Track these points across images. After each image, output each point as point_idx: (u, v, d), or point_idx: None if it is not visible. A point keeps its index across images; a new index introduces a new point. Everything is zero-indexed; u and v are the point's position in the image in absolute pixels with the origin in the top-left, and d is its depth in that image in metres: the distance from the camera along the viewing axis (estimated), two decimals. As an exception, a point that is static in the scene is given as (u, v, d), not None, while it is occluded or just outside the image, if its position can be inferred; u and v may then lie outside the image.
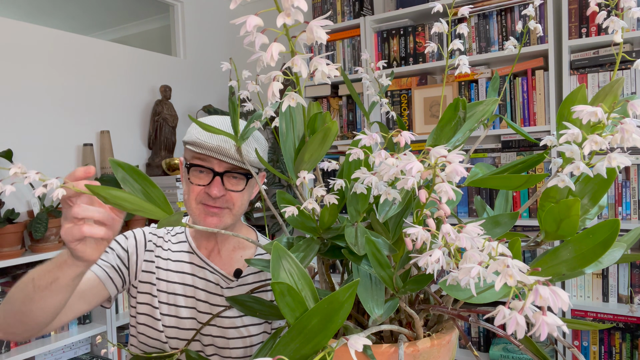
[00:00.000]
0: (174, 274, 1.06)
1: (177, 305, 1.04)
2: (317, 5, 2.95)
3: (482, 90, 2.47)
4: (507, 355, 2.31)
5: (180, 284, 1.05)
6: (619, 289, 2.19)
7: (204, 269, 1.06)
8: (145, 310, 1.05)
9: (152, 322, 1.04)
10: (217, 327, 1.03)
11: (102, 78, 2.66)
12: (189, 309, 1.04)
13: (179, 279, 1.05)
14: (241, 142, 0.86)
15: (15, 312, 0.80)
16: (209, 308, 1.04)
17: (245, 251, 1.11)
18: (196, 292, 1.05)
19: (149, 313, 1.05)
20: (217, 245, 1.09)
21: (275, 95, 0.48)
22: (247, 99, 0.89)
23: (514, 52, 2.23)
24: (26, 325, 0.82)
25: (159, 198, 0.60)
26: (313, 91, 2.98)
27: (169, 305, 1.04)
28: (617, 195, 2.19)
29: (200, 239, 1.09)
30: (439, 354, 0.57)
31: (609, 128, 0.49)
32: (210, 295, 1.04)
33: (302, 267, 0.54)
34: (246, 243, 1.12)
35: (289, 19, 0.43)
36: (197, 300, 1.04)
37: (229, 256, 1.09)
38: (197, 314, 1.04)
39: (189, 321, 1.03)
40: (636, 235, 0.64)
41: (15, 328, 0.83)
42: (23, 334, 0.85)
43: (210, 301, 1.04)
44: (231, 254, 1.09)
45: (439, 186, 0.45)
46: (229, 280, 1.05)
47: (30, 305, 0.77)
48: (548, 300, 0.34)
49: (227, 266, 1.08)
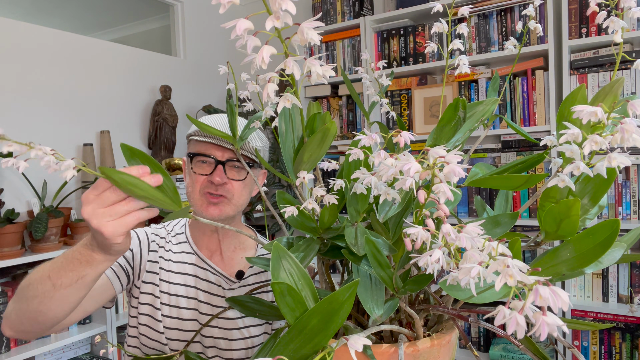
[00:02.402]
0: (176, 275, 1.06)
1: (179, 306, 1.04)
2: (317, 5, 2.95)
3: (482, 90, 2.47)
4: (507, 355, 2.31)
5: (182, 285, 1.05)
6: (619, 289, 2.19)
7: (205, 270, 1.06)
8: (147, 311, 1.05)
9: (154, 323, 1.04)
10: (219, 329, 1.03)
11: (102, 78, 2.66)
12: (191, 310, 1.04)
13: (181, 280, 1.05)
14: (240, 144, 0.86)
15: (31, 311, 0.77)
16: (210, 309, 1.03)
17: (246, 252, 1.11)
18: (198, 294, 1.04)
19: (151, 314, 1.05)
20: (220, 246, 1.09)
21: (270, 96, 0.48)
22: (247, 99, 0.90)
23: (514, 52, 2.23)
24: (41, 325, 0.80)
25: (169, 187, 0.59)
26: (313, 91, 2.98)
27: (170, 306, 1.04)
28: (617, 195, 2.19)
29: (201, 239, 1.09)
30: (439, 354, 0.57)
31: (609, 128, 0.49)
32: (212, 296, 1.04)
33: (302, 267, 0.54)
34: (247, 244, 1.12)
35: (278, 21, 0.43)
36: (199, 302, 1.04)
37: (230, 257, 1.09)
38: (199, 316, 1.03)
39: (190, 323, 1.03)
40: (636, 235, 0.64)
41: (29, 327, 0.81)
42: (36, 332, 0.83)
43: (212, 302, 1.04)
44: (232, 255, 1.09)
45: (437, 187, 0.45)
46: (231, 281, 1.05)
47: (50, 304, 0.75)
48: (548, 300, 0.34)
49: (229, 267, 1.08)
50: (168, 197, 0.58)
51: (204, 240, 1.09)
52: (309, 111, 0.72)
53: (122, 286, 1.04)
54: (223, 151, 0.98)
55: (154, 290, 1.05)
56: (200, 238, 1.09)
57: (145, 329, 1.05)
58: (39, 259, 2.04)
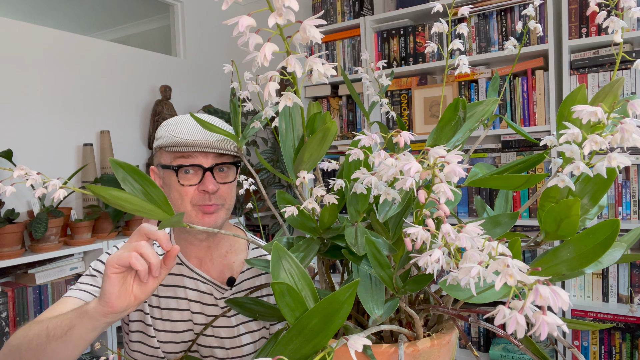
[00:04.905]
0: (165, 288, 1.02)
1: (172, 320, 1.01)
2: (317, 5, 2.95)
3: (482, 90, 2.47)
4: (507, 355, 2.31)
5: (173, 298, 1.02)
6: (619, 289, 2.19)
7: (195, 280, 1.02)
8: (138, 327, 1.03)
9: (146, 339, 1.01)
10: (215, 338, 1.01)
11: (102, 78, 2.66)
12: (186, 322, 1.01)
13: (171, 293, 1.02)
14: (243, 142, 0.86)
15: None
16: (205, 319, 1.01)
17: (238, 255, 1.07)
18: (190, 305, 1.01)
19: (143, 330, 1.02)
20: (210, 252, 1.05)
21: (272, 95, 0.48)
22: (247, 99, 0.90)
23: (514, 52, 2.23)
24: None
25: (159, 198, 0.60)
26: (313, 91, 2.98)
27: (163, 320, 1.01)
28: (617, 195, 2.19)
29: (189, 249, 1.04)
30: (439, 354, 0.57)
31: (609, 128, 0.49)
32: (205, 306, 1.01)
33: (302, 267, 0.54)
34: (238, 246, 1.08)
35: (281, 19, 0.43)
36: (192, 313, 1.01)
37: (222, 262, 1.05)
38: (195, 327, 1.01)
39: (187, 334, 1.01)
40: (636, 235, 0.64)
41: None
42: None
43: (206, 312, 1.01)
44: (224, 260, 1.06)
45: (437, 186, 0.45)
46: (222, 289, 1.02)
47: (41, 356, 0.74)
48: (548, 300, 0.34)
49: (221, 274, 1.04)
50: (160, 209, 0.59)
51: (192, 250, 1.04)
52: (309, 111, 0.72)
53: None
54: (206, 156, 0.93)
55: (143, 307, 1.02)
56: (188, 248, 1.04)
57: (140, 345, 1.02)
58: (39, 259, 2.04)
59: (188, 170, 0.93)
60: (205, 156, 0.93)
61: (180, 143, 0.92)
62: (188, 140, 0.91)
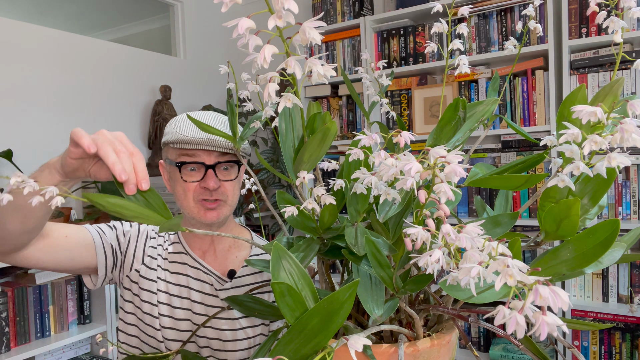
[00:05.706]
0: (170, 275, 1.05)
1: (173, 306, 1.03)
2: (317, 5, 2.95)
3: (482, 90, 2.47)
4: (507, 355, 2.31)
5: (175, 285, 1.04)
6: (619, 289, 2.19)
7: (198, 270, 1.05)
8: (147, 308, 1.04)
9: (150, 319, 1.04)
10: (213, 329, 1.03)
11: (102, 78, 2.66)
12: (184, 310, 1.03)
13: (174, 280, 1.05)
14: (240, 143, 0.86)
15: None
16: (204, 309, 1.03)
17: (241, 251, 1.10)
18: (191, 294, 1.04)
19: (149, 312, 1.04)
20: (213, 245, 1.08)
21: (271, 96, 0.48)
22: (247, 99, 0.90)
23: (514, 52, 2.23)
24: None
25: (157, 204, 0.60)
26: (313, 91, 2.98)
27: (165, 305, 1.04)
28: (617, 195, 2.19)
29: (193, 240, 1.08)
30: (439, 354, 0.57)
31: (609, 128, 0.49)
32: (205, 296, 1.04)
33: (302, 267, 0.54)
34: (241, 242, 1.11)
35: (280, 21, 0.43)
36: (192, 302, 1.03)
37: (225, 256, 1.08)
38: (193, 316, 1.03)
39: (185, 322, 1.03)
40: (636, 235, 0.64)
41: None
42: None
43: (206, 302, 1.03)
44: (227, 254, 1.08)
45: (437, 187, 0.45)
46: (222, 280, 1.04)
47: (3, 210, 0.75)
48: (548, 300, 0.34)
49: (223, 266, 1.07)
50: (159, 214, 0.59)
51: (196, 241, 1.08)
52: (309, 111, 0.72)
53: (107, 266, 1.02)
54: (209, 154, 0.97)
55: (151, 287, 1.04)
56: (192, 239, 1.08)
57: (144, 324, 1.04)
58: (39, 259, 2.03)
59: (192, 167, 0.97)
60: (208, 154, 0.97)
61: (184, 140, 0.96)
62: (191, 137, 0.95)
